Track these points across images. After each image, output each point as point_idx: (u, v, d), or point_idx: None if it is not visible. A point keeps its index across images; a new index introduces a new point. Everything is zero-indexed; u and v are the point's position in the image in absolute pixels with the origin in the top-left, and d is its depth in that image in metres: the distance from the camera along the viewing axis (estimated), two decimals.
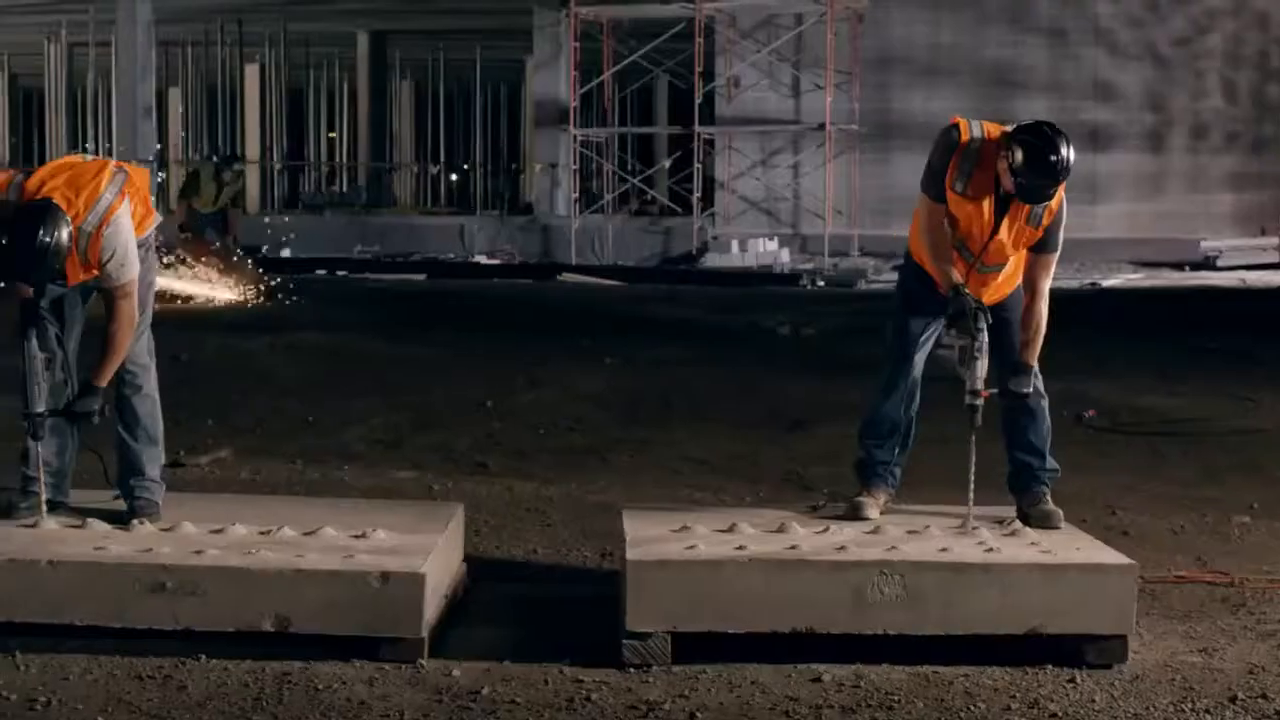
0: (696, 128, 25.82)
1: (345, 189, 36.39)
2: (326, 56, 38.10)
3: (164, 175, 31.32)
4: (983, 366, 5.67)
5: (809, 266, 23.78)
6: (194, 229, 16.89)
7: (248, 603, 5.14)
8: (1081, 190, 21.91)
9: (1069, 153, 5.55)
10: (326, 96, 39.45)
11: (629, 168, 29.61)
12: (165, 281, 14.37)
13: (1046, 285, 5.85)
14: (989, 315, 5.69)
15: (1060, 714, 4.78)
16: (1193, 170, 25.06)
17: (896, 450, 6.07)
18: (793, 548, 5.32)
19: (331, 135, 39.19)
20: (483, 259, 25.48)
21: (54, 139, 33.77)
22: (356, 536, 5.55)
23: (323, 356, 12.70)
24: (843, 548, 5.32)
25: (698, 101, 25.76)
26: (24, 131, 41.98)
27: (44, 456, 5.77)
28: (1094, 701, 4.88)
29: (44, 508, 5.72)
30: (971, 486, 5.75)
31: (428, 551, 5.37)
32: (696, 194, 25.92)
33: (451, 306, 17.49)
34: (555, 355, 12.79)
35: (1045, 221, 5.74)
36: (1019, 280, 5.95)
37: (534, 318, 16.32)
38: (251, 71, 34.44)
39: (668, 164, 29.93)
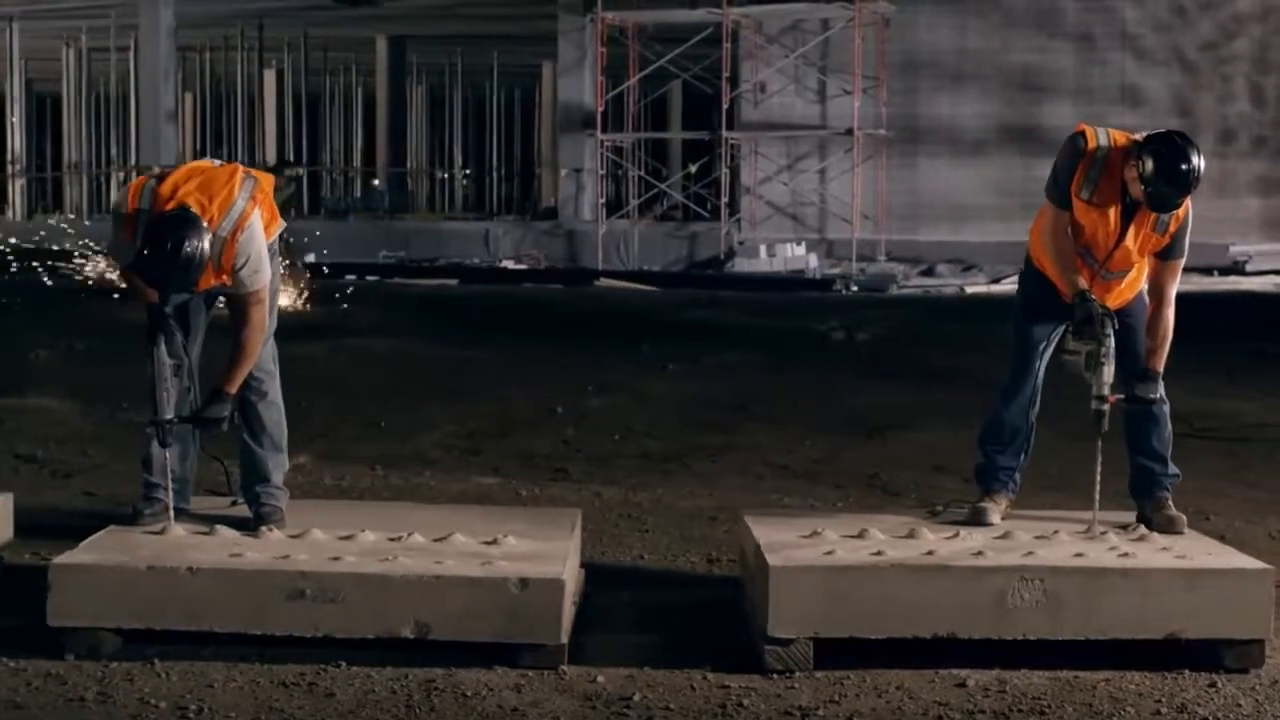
0: (724, 132, 25.84)
1: (362, 194, 36.39)
2: (344, 61, 38.12)
3: None
4: (1109, 372, 5.68)
5: (837, 271, 23.79)
6: None
7: (387, 609, 5.12)
8: None
9: (1200, 162, 5.56)
10: (343, 102, 39.46)
11: (649, 170, 29.60)
12: None
13: (1173, 291, 5.86)
14: (1115, 320, 5.70)
15: (1209, 718, 4.78)
16: (1220, 175, 24.98)
17: (1020, 456, 6.08)
18: (930, 553, 5.32)
19: (334, 143, 39.13)
20: (509, 264, 25.46)
21: (71, 144, 33.78)
22: (488, 543, 5.54)
23: (383, 361, 12.70)
24: (980, 553, 5.32)
25: (725, 107, 25.78)
26: (38, 137, 41.97)
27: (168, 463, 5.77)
28: (1239, 705, 4.89)
29: (172, 514, 5.72)
30: (1097, 491, 5.77)
31: (563, 558, 5.38)
32: (724, 199, 25.92)
33: (494, 311, 17.49)
34: (614, 360, 12.78)
35: (1171, 228, 5.75)
36: (1140, 285, 5.97)
37: (581, 322, 16.32)
38: (269, 77, 34.47)
39: (694, 169, 29.96)
